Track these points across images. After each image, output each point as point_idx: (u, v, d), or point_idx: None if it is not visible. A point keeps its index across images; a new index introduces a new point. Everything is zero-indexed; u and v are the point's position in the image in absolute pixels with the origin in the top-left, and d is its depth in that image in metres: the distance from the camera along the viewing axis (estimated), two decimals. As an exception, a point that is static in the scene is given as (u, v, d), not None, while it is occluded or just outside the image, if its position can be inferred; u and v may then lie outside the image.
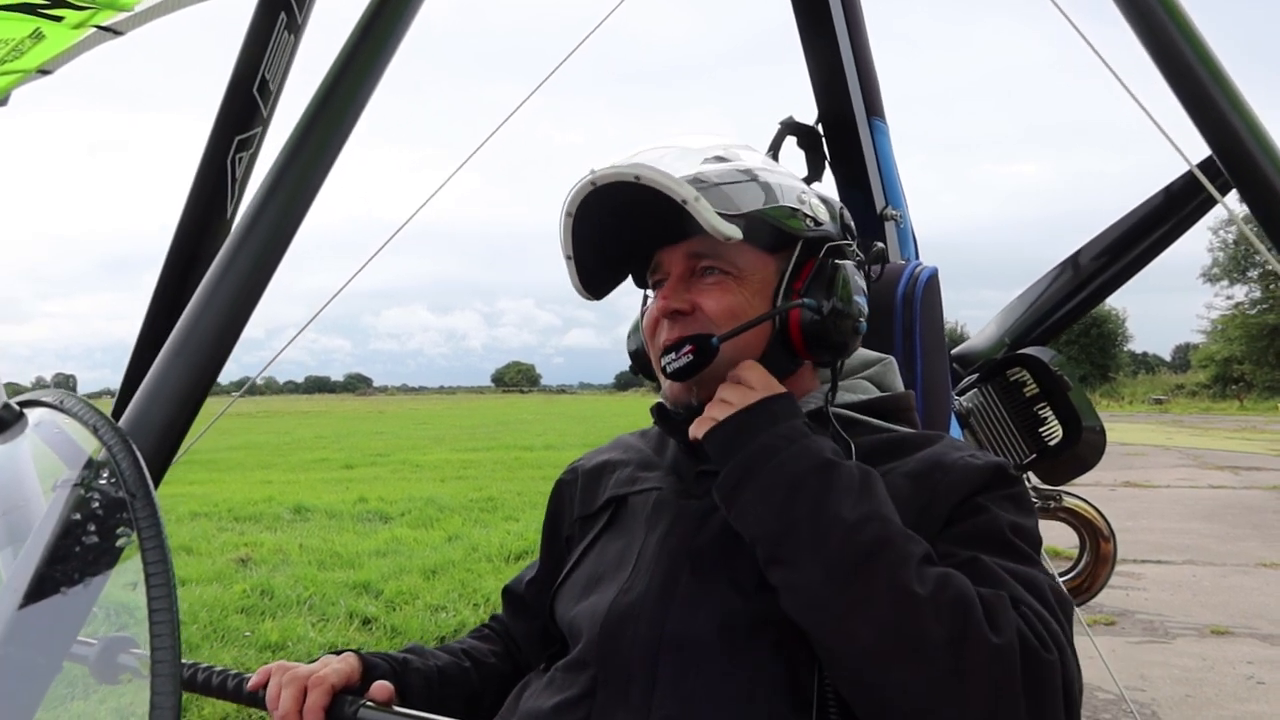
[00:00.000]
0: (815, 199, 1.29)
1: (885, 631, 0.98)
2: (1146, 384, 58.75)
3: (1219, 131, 1.34)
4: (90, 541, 0.74)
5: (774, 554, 1.05)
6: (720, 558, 1.16)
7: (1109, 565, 2.71)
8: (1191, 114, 1.36)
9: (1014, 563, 1.07)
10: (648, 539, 1.23)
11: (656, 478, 1.33)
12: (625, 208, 1.18)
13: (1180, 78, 1.36)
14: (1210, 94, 1.34)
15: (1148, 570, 7.67)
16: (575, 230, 1.23)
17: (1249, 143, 1.32)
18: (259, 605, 6.27)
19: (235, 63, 2.12)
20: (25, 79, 2.51)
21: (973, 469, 1.16)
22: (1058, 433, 2.60)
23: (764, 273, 1.26)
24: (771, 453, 1.08)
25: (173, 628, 0.62)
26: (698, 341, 1.20)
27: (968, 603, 0.98)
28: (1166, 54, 1.37)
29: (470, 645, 1.47)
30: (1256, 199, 1.34)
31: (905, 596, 0.98)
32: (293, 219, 1.33)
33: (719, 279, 1.24)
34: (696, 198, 1.12)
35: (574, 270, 1.27)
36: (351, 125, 1.42)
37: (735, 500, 1.09)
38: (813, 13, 2.38)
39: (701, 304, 1.24)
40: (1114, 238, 2.73)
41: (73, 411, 0.76)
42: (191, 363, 1.24)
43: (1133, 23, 1.41)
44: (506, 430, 29.14)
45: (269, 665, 1.23)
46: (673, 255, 1.26)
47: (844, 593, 1.00)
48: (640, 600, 1.16)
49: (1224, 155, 1.36)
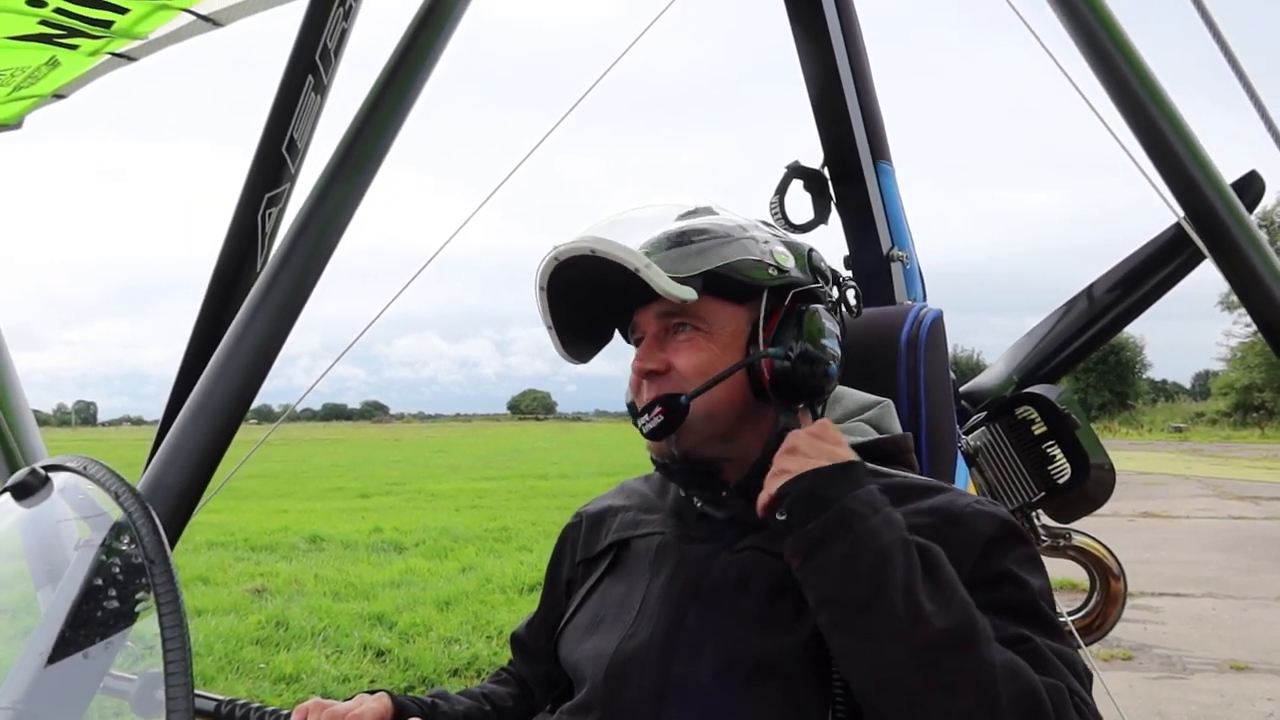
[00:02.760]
0: (781, 246, 1.31)
1: (962, 714, 1.00)
2: (1166, 412, 58.18)
3: (1191, 198, 1.37)
4: (110, 605, 0.77)
5: (850, 623, 1.04)
6: (725, 602, 1.18)
7: (1119, 604, 2.69)
8: (1166, 180, 1.40)
9: (1054, 640, 1.09)
10: (652, 583, 1.25)
11: (658, 521, 1.35)
12: (599, 275, 1.23)
13: (1154, 145, 1.40)
14: (1182, 161, 1.37)
15: (1166, 603, 7.58)
16: (551, 302, 1.29)
17: (1219, 209, 1.35)
18: (274, 637, 6.29)
19: (265, 122, 2.21)
20: (40, 103, 2.59)
21: (982, 519, 1.17)
22: (1066, 471, 2.59)
23: (734, 325, 1.28)
24: (859, 517, 1.07)
25: (187, 691, 0.64)
26: (667, 403, 1.23)
27: (1037, 698, 1.00)
28: (1141, 122, 1.40)
29: (489, 689, 1.50)
30: (1227, 263, 1.37)
31: (987, 685, 0.99)
32: (305, 285, 1.36)
33: (690, 335, 1.27)
34: (647, 265, 1.17)
35: (556, 339, 1.32)
36: (368, 183, 1.46)
37: (814, 557, 1.07)
38: (818, 60, 2.42)
39: (674, 363, 1.27)
40: (1126, 271, 2.73)
41: (95, 477, 0.79)
42: (208, 427, 1.27)
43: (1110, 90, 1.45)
44: (521, 459, 29.16)
45: (305, 703, 1.26)
46: (646, 316, 1.30)
47: (926, 677, 1.00)
48: (645, 645, 1.18)
49: (1196, 220, 1.39)
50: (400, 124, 1.52)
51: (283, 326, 1.33)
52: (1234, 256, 1.36)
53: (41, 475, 0.88)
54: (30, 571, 0.89)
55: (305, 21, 2.19)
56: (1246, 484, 17.88)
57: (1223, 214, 1.35)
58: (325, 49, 2.21)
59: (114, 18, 2.12)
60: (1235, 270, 1.37)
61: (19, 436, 2.12)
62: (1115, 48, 1.42)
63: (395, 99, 1.51)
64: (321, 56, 2.20)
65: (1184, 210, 1.41)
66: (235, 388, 1.30)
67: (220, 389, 1.30)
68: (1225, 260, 1.38)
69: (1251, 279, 1.35)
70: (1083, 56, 1.47)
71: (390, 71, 1.53)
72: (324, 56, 2.21)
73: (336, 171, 1.44)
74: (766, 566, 1.18)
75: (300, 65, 2.19)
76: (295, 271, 1.36)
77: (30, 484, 0.88)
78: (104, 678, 0.82)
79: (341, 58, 2.27)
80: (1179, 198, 1.40)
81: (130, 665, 0.86)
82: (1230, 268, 1.37)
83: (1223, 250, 1.36)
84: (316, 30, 2.17)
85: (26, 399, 2.25)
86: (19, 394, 2.23)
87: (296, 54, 2.21)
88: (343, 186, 1.44)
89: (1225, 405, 51.07)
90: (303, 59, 2.19)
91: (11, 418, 2.15)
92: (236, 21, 2.42)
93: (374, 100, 1.50)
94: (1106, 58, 1.43)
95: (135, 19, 2.17)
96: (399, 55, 1.54)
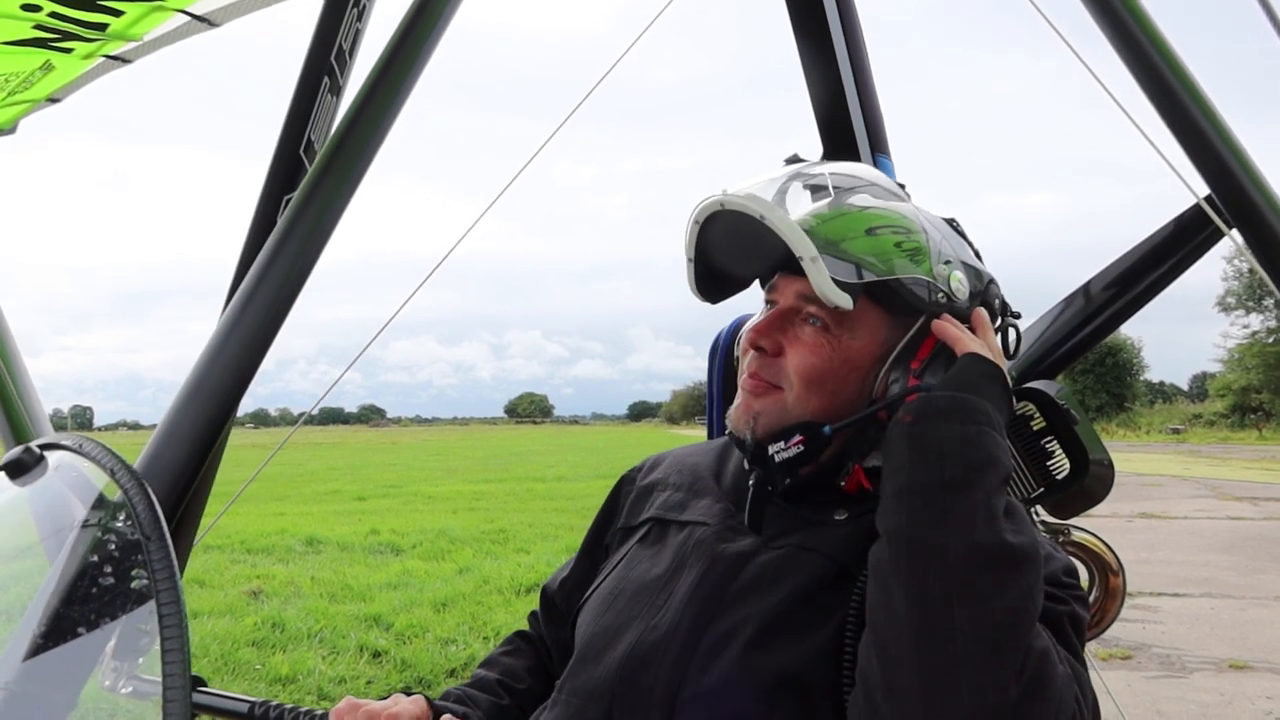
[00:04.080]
0: (961, 271, 1.20)
1: (977, 637, 0.93)
2: (1164, 413, 58.18)
3: (1217, 172, 1.35)
4: (106, 582, 0.76)
5: (927, 496, 1.00)
6: (753, 605, 1.13)
7: (1118, 600, 2.68)
8: (1190, 155, 1.38)
9: (1075, 661, 1.04)
10: (684, 577, 1.20)
11: (704, 507, 1.29)
12: (756, 230, 1.14)
13: (1178, 119, 1.38)
14: (1207, 136, 1.35)
15: (1165, 603, 7.59)
16: (700, 236, 1.24)
17: (1245, 183, 1.34)
18: (270, 638, 6.28)
19: (282, 125, 2.22)
20: (35, 108, 2.58)
21: (1047, 543, 1.14)
22: (1065, 467, 2.58)
23: (870, 337, 1.18)
24: (990, 422, 1.05)
25: (184, 668, 0.63)
26: (809, 432, 1.15)
27: (1049, 679, 0.95)
28: (1164, 96, 1.39)
29: (506, 668, 1.43)
30: (1254, 237, 1.36)
31: (1019, 622, 0.95)
32: (302, 269, 1.37)
33: (817, 332, 1.18)
34: (814, 258, 1.09)
35: (691, 272, 1.27)
36: (358, 179, 1.46)
37: (929, 420, 1.05)
38: (816, 50, 2.41)
39: (787, 353, 1.19)
40: (1124, 268, 2.72)
41: (90, 455, 0.78)
42: (205, 407, 1.26)
43: (1130, 66, 1.44)
44: (518, 461, 29.14)
45: (340, 704, 1.22)
46: (787, 287, 1.21)
47: (969, 581, 0.95)
48: (666, 641, 1.14)
49: (1223, 195, 1.37)
50: (392, 120, 1.52)
51: (279, 311, 1.33)
52: (1263, 230, 1.33)
53: (36, 453, 0.87)
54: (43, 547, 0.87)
55: (320, 23, 2.20)
56: (1244, 485, 17.90)
57: (1249, 189, 1.32)
58: (340, 50, 2.22)
59: (109, 20, 2.12)
60: (1264, 244, 1.34)
61: (28, 409, 2.12)
62: (1132, 18, 1.40)
63: (386, 97, 1.51)
64: (337, 58, 2.22)
65: (1209, 186, 1.39)
66: (231, 369, 1.29)
67: (216, 370, 1.29)
68: (1253, 235, 1.35)
69: None
70: (1097, 26, 1.45)
71: (379, 72, 1.54)
72: (339, 57, 2.22)
73: (329, 163, 1.44)
74: (806, 565, 1.14)
75: (316, 67, 2.20)
76: (290, 257, 1.37)
77: (25, 461, 0.87)
78: (101, 656, 0.81)
79: (356, 58, 2.28)
80: (1203, 173, 1.37)
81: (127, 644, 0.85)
82: (1258, 242, 1.35)
83: (1251, 225, 1.34)
84: (331, 31, 2.18)
85: (30, 374, 2.26)
86: (23, 370, 2.24)
87: (312, 55, 2.21)
88: (335, 178, 1.44)
89: (1223, 407, 51.13)
90: (318, 60, 2.20)
91: (20, 391, 2.16)
92: (231, 21, 2.42)
93: (365, 96, 1.50)
94: (1124, 30, 1.41)
95: (130, 21, 2.16)
96: (388, 56, 1.55)
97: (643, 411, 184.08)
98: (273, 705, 1.24)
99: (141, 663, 0.89)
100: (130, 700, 0.92)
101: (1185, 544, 10.58)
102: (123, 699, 0.93)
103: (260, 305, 1.35)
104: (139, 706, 0.92)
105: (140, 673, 0.90)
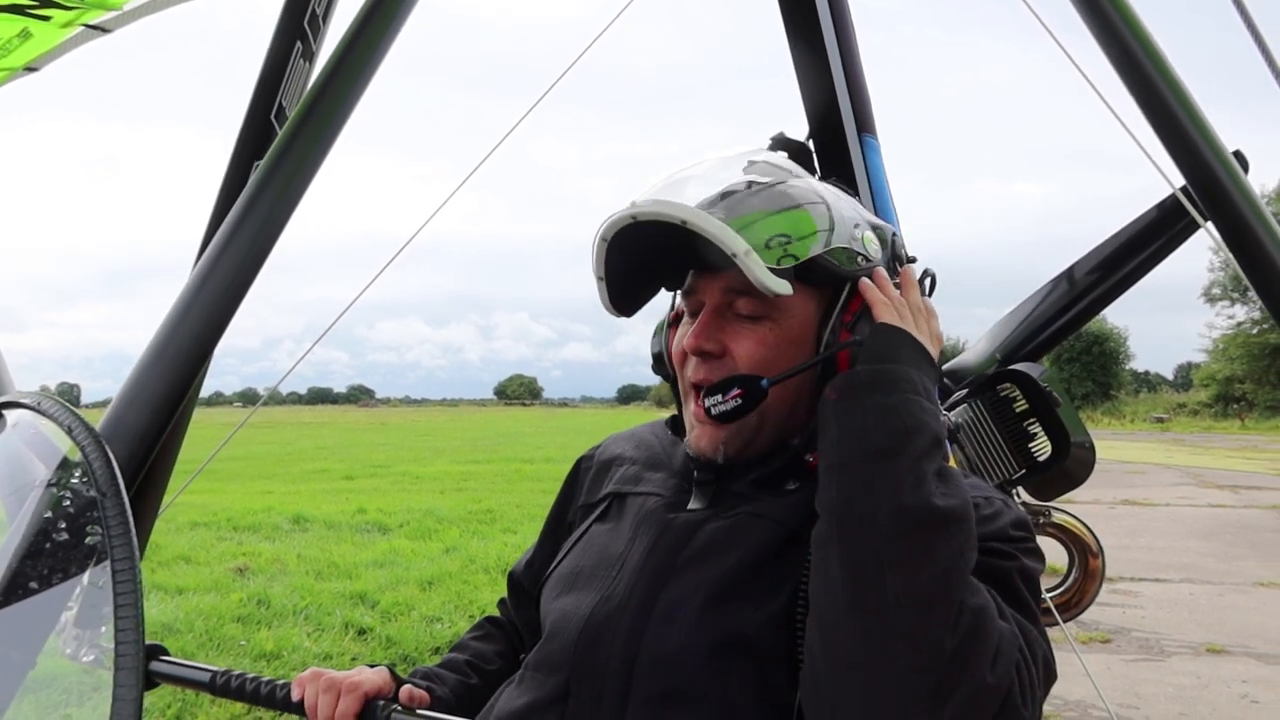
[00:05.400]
0: (869, 230, 1.23)
1: (909, 598, 0.95)
2: (1148, 402, 58.55)
3: (1192, 164, 1.35)
4: (62, 539, 0.76)
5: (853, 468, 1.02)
6: (704, 571, 1.15)
7: (1097, 581, 2.70)
8: (1167, 146, 1.38)
9: (1024, 618, 1.05)
10: (635, 547, 1.22)
11: (659, 480, 1.31)
12: (668, 234, 1.14)
13: (1155, 110, 1.38)
14: (1184, 128, 1.35)
15: (1145, 588, 7.66)
16: (609, 253, 1.20)
17: (1220, 175, 1.33)
18: (255, 614, 6.28)
19: (253, 91, 2.16)
20: (11, 77, 2.54)
21: (998, 499, 1.16)
22: (1047, 448, 2.59)
23: (804, 312, 1.20)
24: (913, 388, 1.07)
25: (137, 623, 0.63)
26: (747, 385, 1.15)
27: (985, 634, 0.96)
28: (1142, 86, 1.38)
29: (476, 652, 1.46)
30: (1226, 228, 1.36)
31: (954, 580, 0.96)
32: (270, 232, 1.35)
33: (755, 322, 1.20)
34: (748, 251, 1.09)
35: (604, 290, 1.24)
36: (330, 142, 1.43)
37: (852, 397, 1.07)
38: (804, 28, 2.40)
39: (732, 349, 1.20)
40: (1108, 253, 2.73)
41: (49, 413, 0.77)
42: (168, 371, 1.24)
43: (1109, 54, 1.43)
44: (507, 443, 29.13)
45: (304, 674, 1.26)
46: (711, 286, 1.22)
47: (899, 545, 0.97)
48: (620, 611, 1.16)
49: (1198, 187, 1.37)
50: (363, 88, 1.50)
51: (245, 277, 1.32)
52: (1236, 223, 1.33)
53: (-7, 411, 0.86)
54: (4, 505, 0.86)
55: None
56: (1226, 473, 18.07)
57: (1225, 181, 1.33)
58: (313, 14, 2.17)
59: (88, -12, 2.08)
60: (1236, 237, 1.35)
61: None
62: (1113, 8, 1.40)
63: (358, 65, 1.49)
64: (310, 22, 2.17)
65: (1184, 178, 1.39)
66: (196, 334, 1.28)
67: (180, 335, 1.28)
68: (1226, 227, 1.35)
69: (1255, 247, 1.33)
70: (1075, 10, 1.44)
71: (351, 38, 1.51)
72: (312, 22, 2.17)
73: (299, 128, 1.43)
74: (756, 531, 1.15)
75: (288, 31, 2.15)
76: (258, 223, 1.35)
77: (-18, 420, 0.86)
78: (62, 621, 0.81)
79: (330, 23, 2.23)
80: (1179, 165, 1.37)
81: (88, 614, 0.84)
82: (1231, 234, 1.35)
83: (1225, 218, 1.34)
84: None
85: None
86: None
87: (284, 20, 2.16)
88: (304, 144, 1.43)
89: (1206, 396, 51.50)
90: (291, 25, 2.15)
91: None
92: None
93: (336, 63, 1.48)
94: (1104, 20, 1.40)
95: (110, -11, 2.13)
96: (360, 22, 1.51)
97: (632, 394, 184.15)
98: (234, 674, 1.24)
99: (104, 631, 0.88)
100: (90, 668, 0.91)
101: (1166, 530, 10.68)
102: (84, 667, 0.92)
103: (226, 270, 1.33)
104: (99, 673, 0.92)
105: (102, 640, 0.89)
